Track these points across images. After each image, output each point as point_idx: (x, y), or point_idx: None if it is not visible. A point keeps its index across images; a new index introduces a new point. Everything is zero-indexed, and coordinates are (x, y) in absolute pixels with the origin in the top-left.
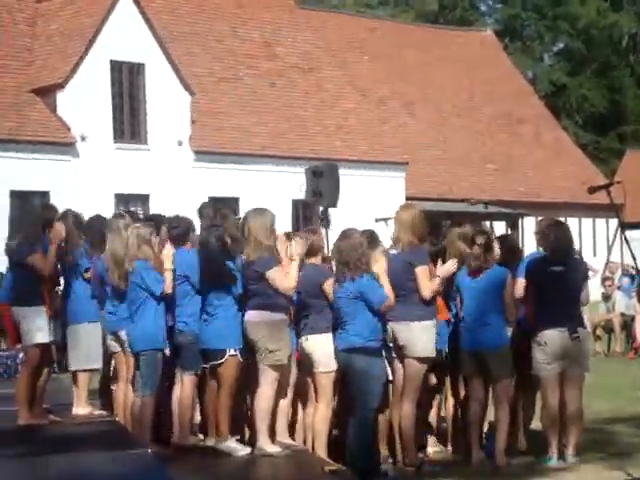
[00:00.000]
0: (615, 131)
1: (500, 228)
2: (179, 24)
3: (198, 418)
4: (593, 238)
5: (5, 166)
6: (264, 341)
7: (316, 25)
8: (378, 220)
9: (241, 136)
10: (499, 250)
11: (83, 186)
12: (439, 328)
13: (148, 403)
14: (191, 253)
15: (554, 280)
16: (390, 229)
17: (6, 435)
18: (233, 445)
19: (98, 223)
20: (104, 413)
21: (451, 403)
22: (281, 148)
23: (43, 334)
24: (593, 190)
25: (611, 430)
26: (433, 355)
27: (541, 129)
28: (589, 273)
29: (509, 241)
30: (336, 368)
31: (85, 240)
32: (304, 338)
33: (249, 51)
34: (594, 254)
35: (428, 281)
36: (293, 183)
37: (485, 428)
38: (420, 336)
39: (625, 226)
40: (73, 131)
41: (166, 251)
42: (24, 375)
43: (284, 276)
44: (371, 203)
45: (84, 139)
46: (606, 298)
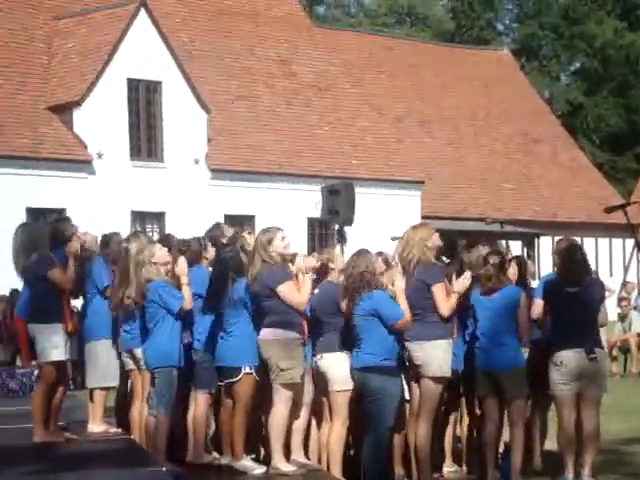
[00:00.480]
0: (632, 151)
1: (516, 248)
2: (196, 42)
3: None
4: (610, 258)
5: (21, 183)
6: (276, 359)
7: (332, 44)
8: (394, 239)
9: (257, 154)
10: (516, 270)
11: (99, 203)
12: (455, 348)
13: (163, 421)
14: (203, 270)
15: (570, 301)
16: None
17: (22, 452)
18: (248, 464)
19: (116, 241)
20: (119, 431)
21: (466, 423)
22: (297, 166)
23: (59, 351)
24: (610, 210)
25: (627, 451)
26: (449, 375)
27: (558, 149)
28: (605, 293)
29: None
30: (351, 387)
31: (104, 257)
32: (319, 356)
33: (266, 69)
34: (611, 274)
35: (445, 299)
36: (309, 201)
37: (501, 448)
38: (435, 355)
39: None
40: (89, 149)
41: (180, 266)
42: (39, 392)
43: (296, 290)
44: (387, 221)
45: (100, 156)
46: (622, 318)
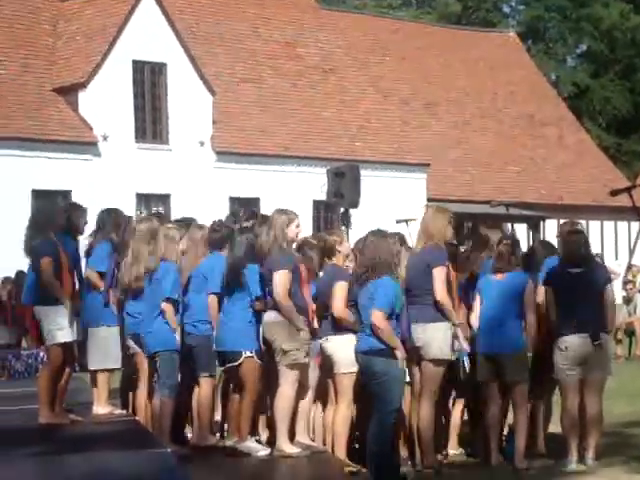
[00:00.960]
0: (638, 134)
1: (522, 231)
2: (201, 24)
3: (218, 418)
4: (615, 241)
5: (27, 165)
6: (279, 341)
7: (338, 26)
8: (399, 221)
9: (262, 137)
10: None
11: (104, 185)
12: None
13: (167, 403)
14: (221, 258)
15: (572, 282)
16: (411, 230)
17: (27, 434)
18: (253, 445)
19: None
20: (124, 413)
21: (469, 407)
22: (302, 149)
23: (64, 333)
24: (615, 193)
25: (631, 433)
26: (449, 357)
27: (564, 131)
28: (610, 276)
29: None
30: (356, 370)
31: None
32: (325, 339)
33: (271, 51)
34: (616, 257)
35: (444, 284)
36: (314, 184)
37: (505, 431)
38: (436, 337)
39: None
40: (95, 131)
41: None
42: (45, 374)
43: (286, 284)
44: (392, 204)
45: (106, 139)
46: (627, 301)
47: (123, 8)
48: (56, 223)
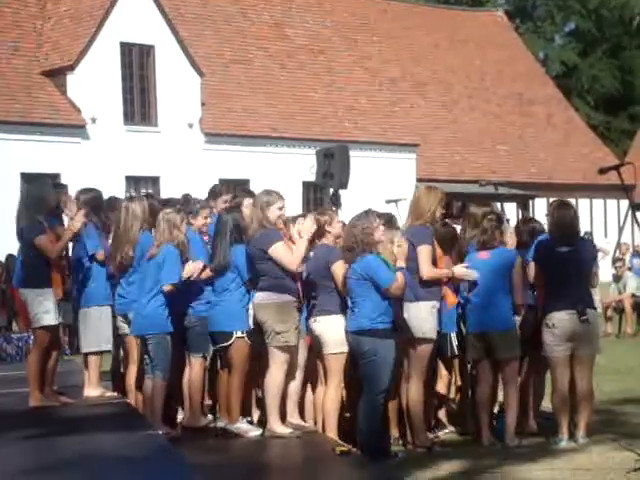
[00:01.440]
0: (626, 112)
1: (511, 210)
2: (188, 6)
3: (208, 400)
4: (604, 219)
5: (15, 148)
6: (271, 323)
7: (326, 6)
8: (389, 202)
9: (251, 118)
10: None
11: (93, 168)
12: (450, 312)
13: (159, 385)
14: (200, 237)
15: (560, 261)
16: (401, 210)
17: (17, 416)
18: (244, 426)
19: (111, 204)
20: (115, 395)
21: (459, 385)
22: (291, 130)
23: (50, 316)
24: (604, 171)
25: (622, 411)
26: (434, 336)
27: (552, 110)
28: (599, 254)
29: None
30: (346, 350)
31: (96, 221)
32: (313, 319)
33: (259, 32)
34: (605, 235)
35: (428, 262)
36: (303, 165)
37: (495, 409)
38: (419, 317)
39: (636, 207)
40: (83, 113)
41: (191, 267)
42: (34, 357)
43: (289, 252)
44: (382, 185)
45: (94, 121)
46: (617, 279)
47: None
48: (47, 206)
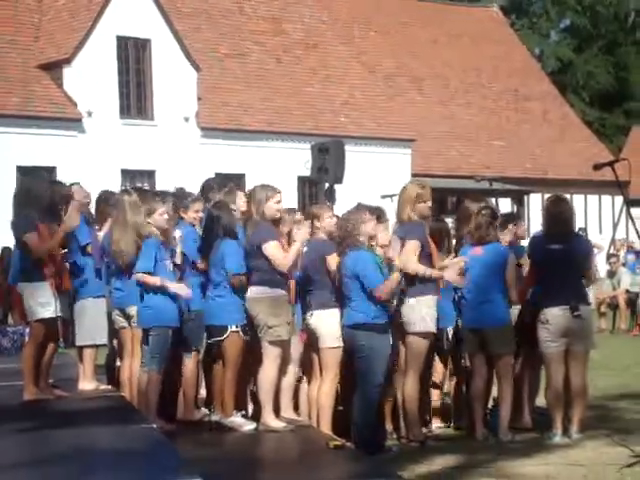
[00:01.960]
0: (621, 108)
1: (506, 205)
2: (185, 0)
3: (203, 393)
4: (599, 215)
5: (11, 142)
6: (263, 317)
7: (323, 1)
8: (384, 197)
9: (247, 112)
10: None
11: (89, 162)
12: (446, 307)
13: (155, 379)
14: (192, 230)
15: (554, 258)
16: (395, 205)
17: (12, 410)
18: (238, 420)
19: (103, 198)
20: (110, 388)
21: (454, 380)
22: (287, 124)
23: (46, 310)
24: (599, 167)
25: (616, 407)
26: (433, 330)
27: (548, 106)
28: (594, 250)
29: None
30: (342, 344)
31: (85, 214)
32: (309, 314)
33: (255, 27)
34: (600, 231)
35: (414, 256)
36: (299, 160)
37: (489, 404)
38: (419, 312)
39: (630, 203)
40: (79, 107)
41: (177, 235)
42: (29, 350)
43: (281, 252)
44: (377, 180)
45: (90, 115)
46: (611, 275)
47: None
48: (39, 202)
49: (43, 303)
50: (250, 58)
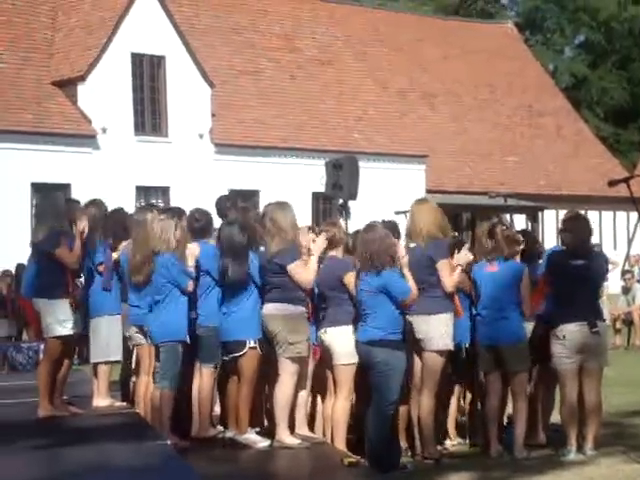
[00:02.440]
0: (635, 124)
1: (520, 221)
2: (199, 17)
3: (218, 410)
4: (613, 231)
5: (26, 159)
6: (284, 334)
7: (336, 17)
8: (398, 213)
9: (261, 129)
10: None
11: (104, 178)
12: (461, 322)
13: (168, 395)
14: (211, 246)
15: (575, 274)
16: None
17: (26, 426)
18: (253, 437)
19: (118, 216)
20: (124, 405)
21: (469, 397)
22: (301, 141)
23: (64, 327)
24: (613, 183)
25: (630, 423)
26: (451, 348)
27: (562, 122)
28: (609, 266)
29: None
30: (356, 361)
31: (102, 233)
32: (323, 331)
33: (269, 44)
34: (614, 247)
35: (449, 275)
36: (313, 176)
37: (504, 421)
38: (438, 329)
39: None
40: (94, 123)
41: (189, 250)
42: (44, 367)
43: (304, 269)
44: (391, 196)
45: (105, 131)
46: (626, 291)
47: (122, 1)
48: (62, 218)
49: (62, 321)
50: (264, 75)
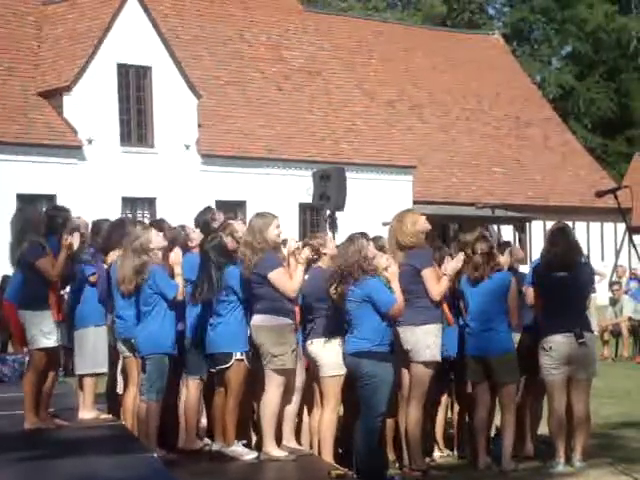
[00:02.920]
0: (623, 135)
1: (508, 232)
2: (186, 27)
3: (204, 422)
4: (601, 242)
5: (11, 169)
6: (268, 346)
7: (323, 28)
8: (385, 224)
9: (248, 139)
10: (507, 257)
11: (90, 189)
12: (449, 333)
13: (154, 407)
14: (195, 256)
15: (559, 285)
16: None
17: (12, 439)
18: (240, 449)
19: (107, 227)
20: (110, 417)
21: (457, 408)
22: (288, 151)
23: (48, 339)
24: (601, 194)
25: (619, 435)
26: (438, 359)
27: (549, 133)
28: (596, 277)
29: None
30: (343, 372)
31: (91, 244)
32: (309, 342)
33: (256, 54)
34: (602, 258)
35: (436, 283)
36: (300, 187)
37: (492, 433)
38: (425, 340)
39: (633, 230)
40: (80, 134)
41: (174, 255)
42: (29, 379)
43: (287, 278)
44: (378, 207)
45: (91, 142)
46: (614, 302)
47: (107, 11)
48: (36, 229)
49: (46, 332)
50: (251, 85)
